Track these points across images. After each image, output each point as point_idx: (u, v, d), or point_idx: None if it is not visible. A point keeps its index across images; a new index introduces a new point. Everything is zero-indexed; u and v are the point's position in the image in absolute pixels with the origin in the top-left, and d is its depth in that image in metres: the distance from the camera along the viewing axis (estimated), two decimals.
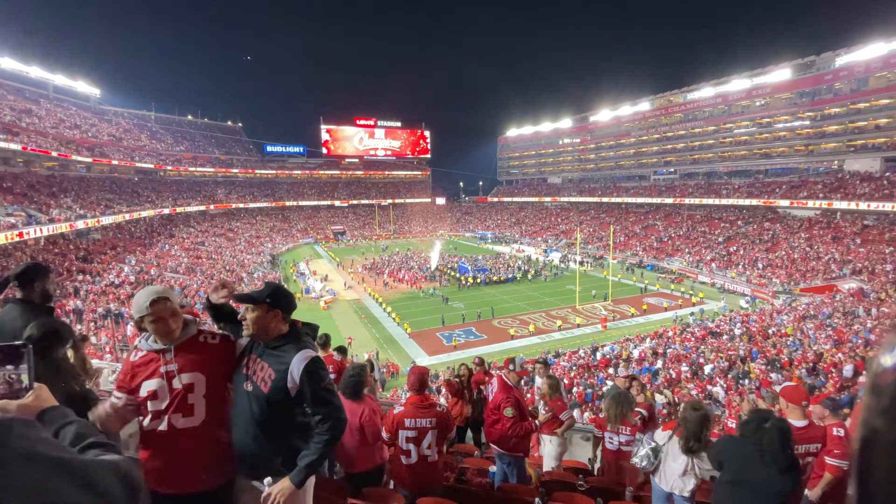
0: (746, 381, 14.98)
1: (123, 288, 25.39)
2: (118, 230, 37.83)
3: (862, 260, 30.52)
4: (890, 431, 0.39)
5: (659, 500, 3.31)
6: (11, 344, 1.04)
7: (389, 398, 14.58)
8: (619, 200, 61.44)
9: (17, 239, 23.64)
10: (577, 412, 11.74)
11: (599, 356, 19.40)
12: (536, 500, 3.34)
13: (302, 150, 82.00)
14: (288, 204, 71.90)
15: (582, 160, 76.40)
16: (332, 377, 4.10)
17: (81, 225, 30.36)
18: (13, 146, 31.85)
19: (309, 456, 1.85)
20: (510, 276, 38.82)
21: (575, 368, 18.21)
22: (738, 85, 51.73)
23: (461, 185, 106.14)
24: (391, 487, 3.42)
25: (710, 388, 14.83)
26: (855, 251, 32.06)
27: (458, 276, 38.25)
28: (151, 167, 53.86)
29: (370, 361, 5.33)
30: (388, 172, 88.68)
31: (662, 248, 45.22)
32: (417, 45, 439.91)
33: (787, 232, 39.06)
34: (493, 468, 4.26)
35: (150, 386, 1.86)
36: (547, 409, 4.86)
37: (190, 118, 76.73)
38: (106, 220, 34.04)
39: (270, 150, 79.79)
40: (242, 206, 65.11)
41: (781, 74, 47.37)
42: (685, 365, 17.08)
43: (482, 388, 5.95)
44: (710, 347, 18.83)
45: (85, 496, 0.61)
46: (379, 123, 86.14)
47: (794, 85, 46.47)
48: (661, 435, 3.33)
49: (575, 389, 15.45)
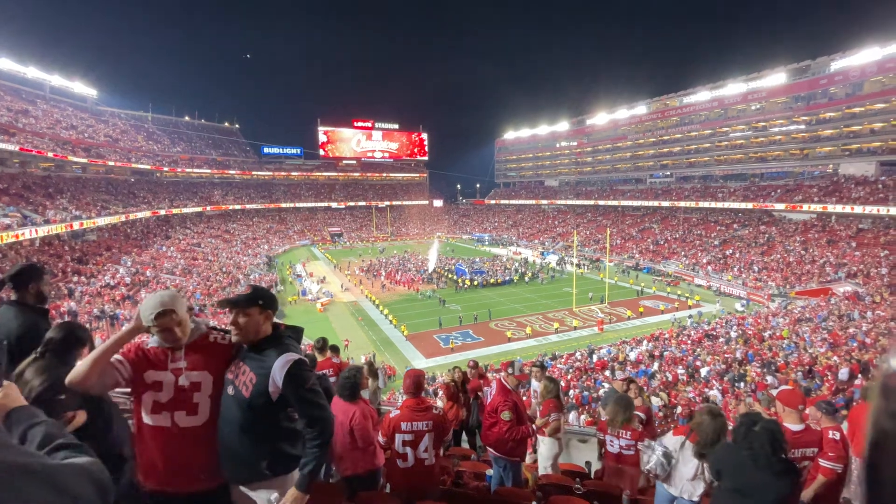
0: (742, 384, 15.02)
1: (119, 289, 25.28)
2: (114, 231, 37.67)
3: (857, 263, 30.70)
4: None
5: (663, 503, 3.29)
6: None
7: (386, 400, 14.53)
8: (615, 203, 61.66)
9: (12, 240, 23.53)
10: (573, 415, 11.75)
11: (596, 359, 19.43)
12: (533, 503, 3.33)
13: (299, 151, 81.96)
14: (285, 205, 71.77)
15: (579, 163, 76.64)
16: (321, 379, 4.12)
17: (77, 226, 30.23)
18: (9, 147, 31.75)
19: (309, 464, 1.84)
20: (507, 278, 38.86)
21: (572, 371, 18.22)
22: (733, 89, 52.05)
23: (458, 187, 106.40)
24: (387, 491, 3.40)
25: (706, 391, 14.84)
26: (850, 254, 32.22)
27: (455, 278, 38.27)
28: (148, 168, 53.68)
29: (370, 363, 5.30)
30: (385, 174, 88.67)
31: (659, 250, 45.36)
32: (416, 47, 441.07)
33: (782, 235, 39.25)
34: (489, 471, 4.25)
35: (155, 376, 1.84)
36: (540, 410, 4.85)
37: (187, 119, 76.56)
38: (101, 221, 33.91)
39: (267, 151, 79.70)
40: (239, 207, 64.92)
41: (777, 79, 47.69)
42: (681, 368, 17.12)
43: (479, 394, 5.95)
44: (706, 350, 18.90)
45: (57, 501, 0.59)
46: (376, 125, 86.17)
47: (789, 89, 46.78)
48: (671, 440, 3.28)
49: (572, 392, 15.46)
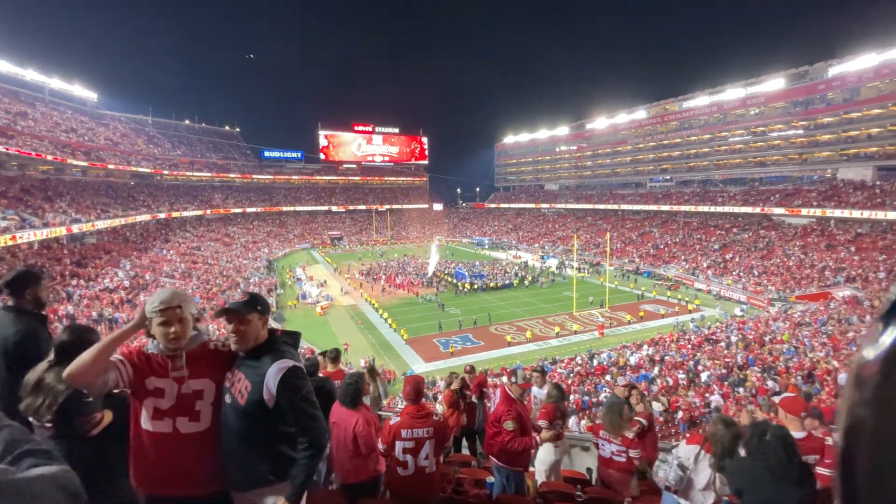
0: (741, 388, 14.98)
1: (118, 292, 25.22)
2: (113, 235, 37.63)
3: (855, 267, 30.72)
4: (873, 421, 0.39)
5: None
6: None
7: (385, 406, 14.45)
8: (615, 207, 61.71)
9: (10, 243, 23.48)
10: (573, 420, 11.68)
11: (596, 363, 19.38)
12: None
13: (300, 155, 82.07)
14: (285, 209, 71.79)
15: (578, 167, 76.79)
16: (325, 382, 4.10)
17: (76, 229, 30.18)
18: (8, 150, 31.72)
19: (299, 475, 1.85)
20: (507, 282, 38.81)
21: (572, 375, 18.17)
22: (732, 94, 52.25)
23: (458, 191, 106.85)
24: (387, 499, 3.37)
25: (709, 396, 14.79)
26: (849, 259, 32.25)
27: (455, 282, 38.22)
28: (148, 171, 53.70)
29: (371, 367, 5.25)
30: (385, 178, 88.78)
31: (659, 254, 45.36)
32: (416, 51, 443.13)
33: (781, 239, 39.28)
34: (490, 479, 4.21)
35: (157, 382, 1.83)
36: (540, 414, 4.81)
37: (187, 123, 76.68)
38: (101, 224, 33.86)
39: (268, 155, 79.78)
40: (239, 210, 64.94)
41: (775, 84, 47.90)
42: (682, 372, 17.08)
43: (484, 390, 5.95)
44: (706, 355, 18.85)
45: None
46: (377, 130, 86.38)
47: (787, 94, 46.98)
48: (685, 449, 3.20)
49: (572, 397, 15.40)
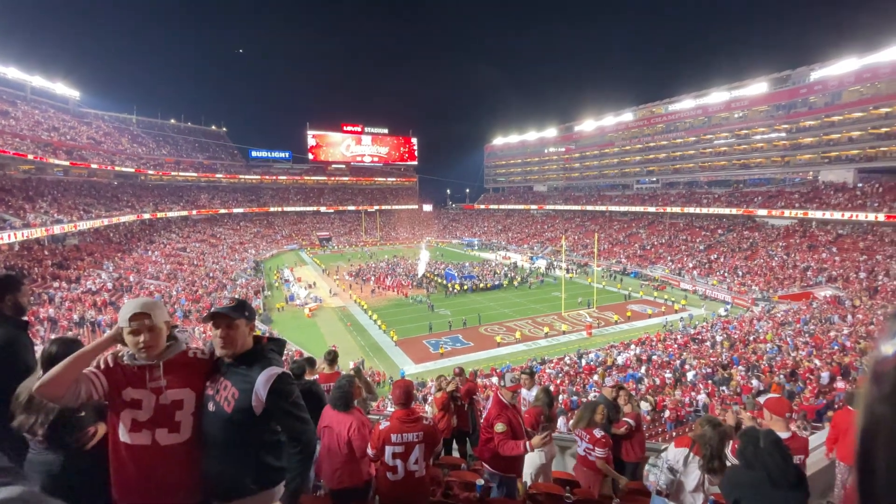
0: (725, 387, 15.20)
1: (101, 295, 24.70)
2: (96, 236, 36.87)
3: (837, 268, 31.42)
4: (892, 417, 0.39)
5: None
6: None
7: (374, 408, 14.36)
8: (602, 209, 62.33)
9: None
10: (561, 420, 11.74)
11: (584, 363, 19.52)
12: None
13: (288, 155, 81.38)
14: (273, 210, 71.12)
15: (567, 169, 77.39)
16: (313, 385, 4.07)
17: (58, 230, 29.50)
18: None
19: (293, 480, 1.83)
20: (497, 283, 38.92)
21: (561, 375, 18.27)
22: (717, 97, 53.14)
23: (448, 192, 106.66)
24: None
25: (695, 395, 14.97)
26: (830, 259, 32.99)
27: (444, 282, 38.22)
28: (132, 171, 52.76)
29: (357, 370, 5.22)
30: (374, 179, 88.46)
31: (645, 255, 45.90)
32: (405, 52, 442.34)
33: (765, 240, 40.03)
34: (479, 481, 4.21)
35: (134, 394, 1.77)
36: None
37: (173, 122, 75.57)
38: (83, 225, 33.15)
39: (255, 155, 78.96)
40: (226, 211, 64.13)
41: (758, 88, 48.83)
42: (668, 372, 17.29)
43: (474, 397, 5.95)
44: (692, 354, 19.10)
45: None
46: (366, 130, 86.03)
47: (770, 98, 47.91)
48: (673, 452, 3.21)
49: (561, 397, 15.47)
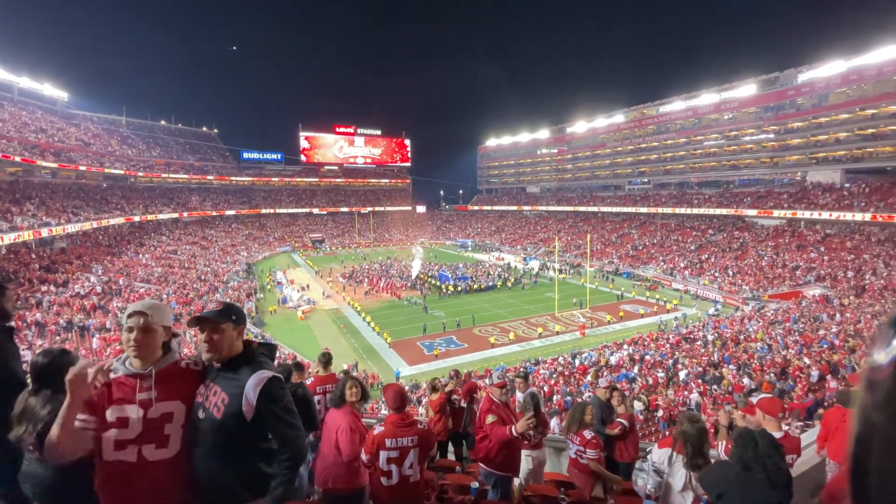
0: (717, 386, 15.33)
1: (89, 298, 24.36)
2: (85, 238, 36.37)
3: (825, 267, 31.86)
4: (887, 425, 0.39)
5: None
6: None
7: (368, 411, 14.31)
8: (595, 209, 62.70)
9: None
10: (554, 421, 11.76)
11: (578, 363, 19.59)
12: None
13: (280, 157, 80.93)
14: (265, 211, 70.66)
15: (559, 170, 77.77)
16: (299, 388, 4.03)
17: (45, 233, 29.06)
18: None
19: (279, 486, 1.83)
20: (490, 284, 38.97)
21: (555, 376, 18.32)
22: (707, 99, 53.71)
23: (441, 193, 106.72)
24: None
25: (687, 394, 15.09)
26: (818, 259, 33.44)
27: (438, 284, 38.19)
28: (122, 173, 52.12)
29: (345, 372, 5.23)
30: (368, 180, 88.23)
31: (638, 255, 46.24)
32: (398, 53, 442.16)
33: (755, 240, 40.49)
34: (474, 484, 4.20)
35: (120, 412, 1.69)
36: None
37: (163, 123, 74.78)
38: (72, 227, 32.69)
39: (247, 156, 78.43)
40: (217, 213, 63.58)
41: (747, 90, 49.43)
42: (661, 371, 17.40)
43: (474, 395, 5.96)
44: (684, 353, 19.25)
45: None
46: (359, 131, 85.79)
47: (759, 100, 48.52)
48: (658, 454, 3.18)
49: (555, 397, 15.52)
